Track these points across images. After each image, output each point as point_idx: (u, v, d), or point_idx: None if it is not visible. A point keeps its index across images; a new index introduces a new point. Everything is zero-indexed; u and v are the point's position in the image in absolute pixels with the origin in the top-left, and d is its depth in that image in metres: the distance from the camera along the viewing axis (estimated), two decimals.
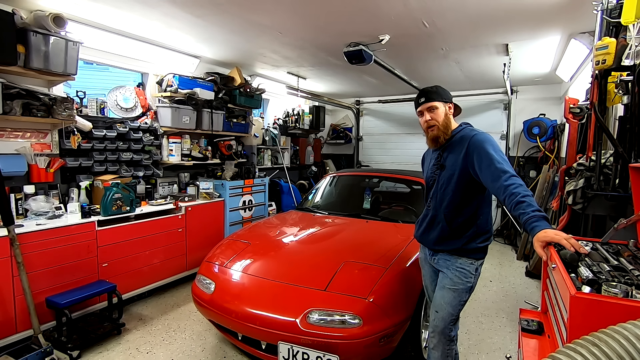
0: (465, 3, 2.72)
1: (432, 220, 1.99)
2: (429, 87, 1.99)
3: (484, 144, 1.78)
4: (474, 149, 1.79)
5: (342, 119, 7.96)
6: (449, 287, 1.90)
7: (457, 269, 1.90)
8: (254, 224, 3.58)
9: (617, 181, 2.14)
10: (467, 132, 1.91)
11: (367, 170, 5.43)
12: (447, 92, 1.98)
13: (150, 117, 3.98)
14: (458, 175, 1.86)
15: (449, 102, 1.96)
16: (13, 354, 2.38)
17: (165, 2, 2.76)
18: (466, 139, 1.86)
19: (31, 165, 2.99)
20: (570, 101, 3.39)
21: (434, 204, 1.98)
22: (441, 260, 1.98)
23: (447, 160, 1.93)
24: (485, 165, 1.73)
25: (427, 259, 2.11)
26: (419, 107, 1.98)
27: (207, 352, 2.69)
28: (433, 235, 1.98)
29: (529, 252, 4.69)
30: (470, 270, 1.89)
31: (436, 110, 1.92)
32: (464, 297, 1.90)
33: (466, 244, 1.88)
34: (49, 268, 2.71)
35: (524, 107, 6.00)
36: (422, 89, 2.00)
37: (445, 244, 1.94)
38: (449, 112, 1.96)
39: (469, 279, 1.89)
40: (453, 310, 1.89)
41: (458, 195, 1.87)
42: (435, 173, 2.00)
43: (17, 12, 2.63)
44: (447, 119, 1.93)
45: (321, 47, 3.92)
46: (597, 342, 0.78)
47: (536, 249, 1.46)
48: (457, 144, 1.91)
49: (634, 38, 1.80)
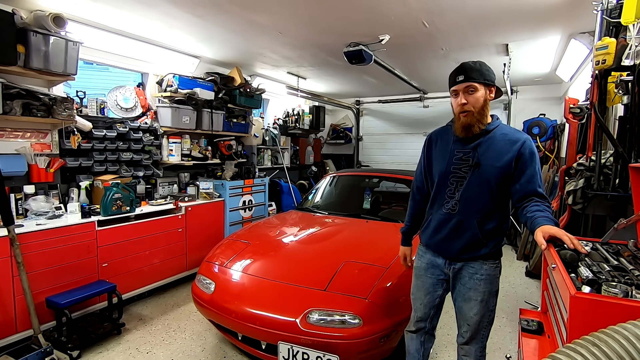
0: (465, 3, 2.72)
1: (458, 227, 1.71)
2: (471, 62, 1.65)
3: (535, 156, 1.63)
4: (528, 157, 1.61)
5: (342, 119, 7.96)
6: (475, 298, 1.73)
7: (484, 276, 1.71)
8: (254, 224, 3.58)
9: (617, 181, 2.14)
10: (511, 131, 1.68)
11: (367, 170, 5.43)
12: (492, 72, 1.65)
13: (150, 117, 3.98)
14: (500, 179, 1.63)
15: (492, 85, 1.65)
16: (13, 354, 2.38)
17: (165, 2, 2.76)
18: (515, 142, 1.62)
19: (31, 165, 2.99)
20: (570, 101, 3.38)
21: (461, 208, 1.69)
22: (464, 269, 1.75)
23: (484, 157, 1.64)
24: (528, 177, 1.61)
25: (434, 268, 1.84)
26: (454, 85, 1.64)
27: (207, 352, 2.69)
28: (459, 244, 1.71)
29: (529, 252, 4.69)
30: (496, 274, 1.74)
31: (475, 92, 1.61)
32: (491, 303, 1.75)
33: (493, 247, 1.71)
34: (49, 268, 2.71)
35: (524, 107, 6.00)
36: (462, 63, 1.66)
37: (473, 252, 1.71)
38: (490, 98, 1.65)
39: (494, 283, 1.73)
40: (484, 318, 1.76)
41: (496, 200, 1.66)
42: (463, 170, 1.69)
43: (17, 12, 2.63)
44: (486, 106, 1.64)
45: (321, 47, 3.92)
46: (597, 342, 0.78)
47: (536, 238, 1.40)
48: (498, 141, 1.65)
49: (634, 38, 1.80)
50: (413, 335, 1.96)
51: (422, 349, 1.95)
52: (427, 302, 1.88)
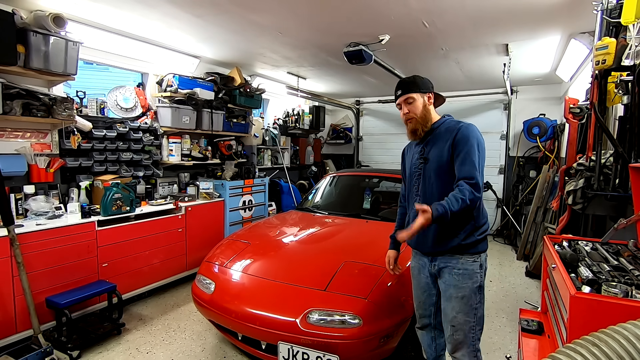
0: (465, 3, 2.72)
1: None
2: (407, 77, 1.89)
3: (468, 139, 1.72)
4: (460, 140, 1.73)
5: (342, 119, 7.96)
6: (455, 295, 1.76)
7: (461, 270, 1.75)
8: (254, 224, 3.58)
9: (617, 181, 2.14)
10: (452, 123, 1.83)
11: (367, 170, 5.43)
12: (426, 81, 1.87)
13: (150, 117, 3.98)
14: (446, 166, 1.76)
15: (428, 92, 1.86)
16: (13, 354, 2.38)
17: (165, 2, 2.76)
18: (453, 130, 1.77)
19: (31, 165, 2.99)
20: (570, 101, 3.39)
21: (423, 202, 1.82)
22: (442, 264, 1.82)
23: (431, 153, 1.83)
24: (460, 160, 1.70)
25: (423, 268, 1.93)
26: (397, 99, 1.88)
27: (207, 352, 2.69)
28: (430, 236, 1.81)
29: (529, 252, 4.69)
30: (475, 269, 1.76)
31: (414, 102, 1.82)
32: (474, 300, 1.75)
33: (465, 238, 1.75)
34: (49, 268, 2.71)
35: (524, 107, 5.99)
36: (399, 80, 1.91)
37: (443, 243, 1.78)
38: (428, 103, 1.86)
39: (474, 279, 1.75)
40: (469, 317, 1.74)
41: (449, 187, 1.74)
42: (420, 168, 1.88)
43: (17, 12, 2.63)
44: (425, 111, 1.84)
45: (321, 47, 3.92)
46: (597, 342, 0.78)
47: (417, 220, 1.56)
48: (441, 135, 1.81)
49: (634, 38, 1.80)
50: (422, 331, 2.04)
51: (435, 344, 2.03)
52: (426, 300, 1.96)
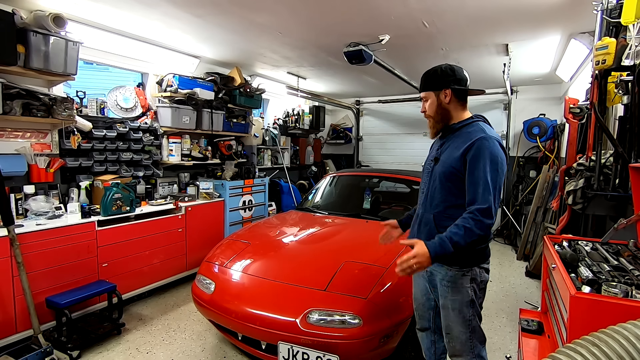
0: (465, 3, 2.72)
1: (421, 221, 1.77)
2: (428, 70, 1.76)
3: (482, 156, 1.55)
4: (474, 155, 1.57)
5: (342, 119, 7.96)
6: (446, 306, 1.69)
7: (450, 283, 1.66)
8: (254, 224, 3.58)
9: (617, 181, 2.15)
10: (473, 129, 1.65)
11: (367, 170, 5.43)
12: (444, 76, 1.69)
13: (150, 117, 3.98)
14: (453, 173, 1.64)
15: (444, 89, 1.69)
16: (13, 354, 2.38)
17: (165, 2, 2.76)
18: (469, 139, 1.61)
19: (31, 165, 2.99)
20: (570, 101, 3.39)
21: (423, 201, 1.77)
22: (433, 270, 1.74)
23: (444, 154, 1.71)
24: (472, 179, 1.57)
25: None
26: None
27: (207, 352, 2.69)
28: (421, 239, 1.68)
29: (529, 252, 4.69)
30: (464, 283, 1.63)
31: (427, 100, 1.75)
32: (466, 313, 1.64)
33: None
34: (49, 268, 2.71)
35: (524, 107, 5.99)
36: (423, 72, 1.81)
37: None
38: (444, 100, 1.70)
39: (463, 293, 1.63)
40: (463, 328, 1.66)
41: (453, 197, 1.64)
42: (430, 165, 1.79)
43: (17, 12, 2.63)
44: (440, 109, 1.72)
45: (321, 47, 3.92)
46: (597, 342, 0.78)
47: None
48: (460, 138, 1.67)
49: (634, 38, 1.81)
50: (422, 333, 2.01)
51: (434, 348, 1.98)
52: (424, 303, 1.92)
